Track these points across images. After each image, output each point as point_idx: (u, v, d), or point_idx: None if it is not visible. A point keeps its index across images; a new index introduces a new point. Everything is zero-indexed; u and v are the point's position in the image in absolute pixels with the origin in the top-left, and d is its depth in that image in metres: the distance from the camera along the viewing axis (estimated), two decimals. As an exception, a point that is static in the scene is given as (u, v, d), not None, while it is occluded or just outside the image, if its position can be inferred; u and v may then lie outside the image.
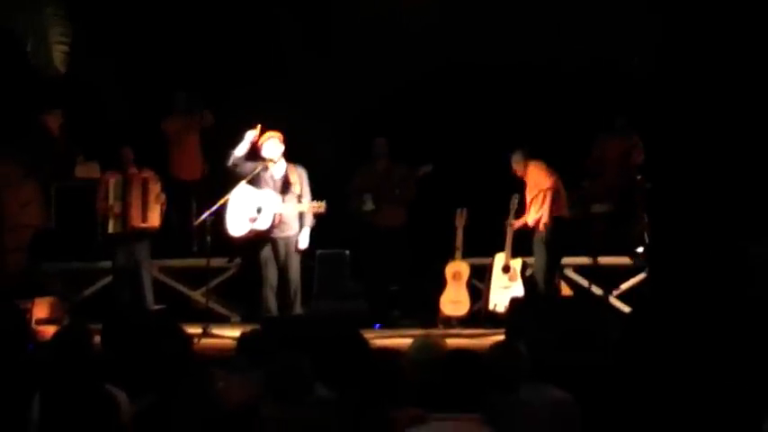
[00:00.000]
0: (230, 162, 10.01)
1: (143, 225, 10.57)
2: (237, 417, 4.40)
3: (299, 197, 10.02)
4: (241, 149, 10.00)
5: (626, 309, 10.71)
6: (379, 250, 11.20)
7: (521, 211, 10.86)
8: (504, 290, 10.81)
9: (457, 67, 11.98)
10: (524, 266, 10.91)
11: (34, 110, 11.26)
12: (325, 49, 12.06)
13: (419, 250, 11.27)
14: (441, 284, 10.96)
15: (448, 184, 11.39)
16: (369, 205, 11.19)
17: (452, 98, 12.21)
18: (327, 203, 9.89)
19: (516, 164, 10.85)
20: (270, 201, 9.97)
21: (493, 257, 10.97)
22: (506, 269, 10.87)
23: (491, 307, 10.89)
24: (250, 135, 10.00)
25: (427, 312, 10.99)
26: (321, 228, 10.42)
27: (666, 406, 5.86)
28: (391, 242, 11.14)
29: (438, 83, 12.10)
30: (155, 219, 10.62)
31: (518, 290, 10.77)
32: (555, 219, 10.71)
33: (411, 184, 11.16)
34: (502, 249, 10.91)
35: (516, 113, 11.88)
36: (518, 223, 10.85)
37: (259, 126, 10.00)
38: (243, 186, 10.00)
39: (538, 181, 10.74)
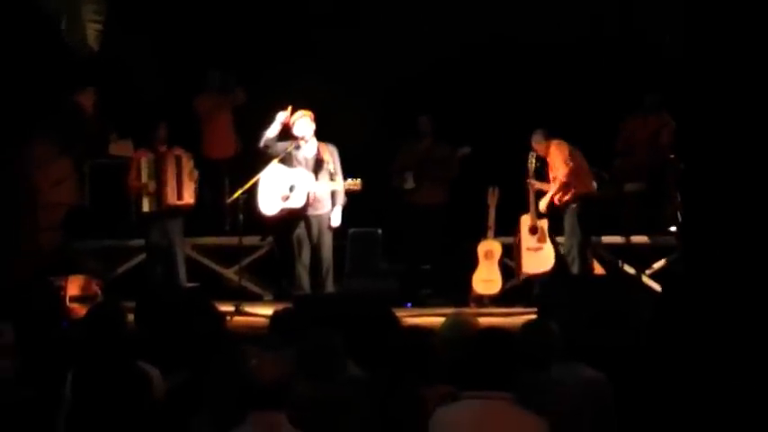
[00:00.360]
0: (262, 143, 10.03)
1: (178, 203, 10.60)
2: (270, 394, 4.41)
3: (332, 175, 10.03)
4: (272, 130, 10.01)
5: (658, 288, 10.67)
6: (416, 228, 11.20)
7: (542, 170, 10.84)
8: (535, 252, 10.81)
9: (488, 43, 11.93)
10: (554, 241, 10.88)
11: (67, 88, 11.29)
12: (355, 25, 12.03)
13: (451, 229, 11.26)
14: (473, 263, 10.95)
15: (480, 163, 11.36)
16: (409, 183, 11.20)
17: (484, 75, 12.17)
18: (363, 181, 9.92)
19: (537, 144, 10.83)
20: (303, 179, 9.99)
21: (519, 219, 10.94)
22: (533, 230, 10.85)
23: (524, 269, 10.89)
24: (281, 116, 10.01)
25: (459, 291, 10.99)
26: (353, 206, 10.43)
27: (698, 387, 5.85)
28: (429, 221, 11.13)
29: (469, 60, 12.07)
30: (189, 196, 10.65)
31: (549, 252, 10.74)
32: (581, 197, 10.67)
33: (453, 163, 11.16)
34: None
35: (547, 91, 11.83)
36: (538, 185, 10.83)
37: (290, 107, 10.02)
38: (275, 165, 10.02)
39: (555, 164, 10.73)
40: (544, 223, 10.84)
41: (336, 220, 10.18)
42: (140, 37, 11.84)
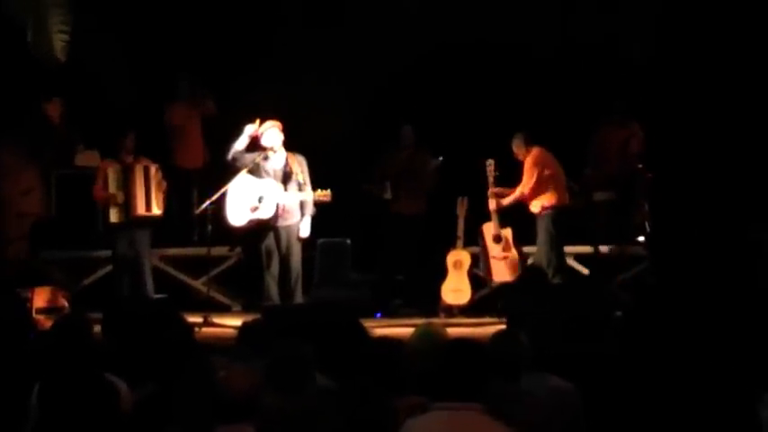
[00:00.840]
0: (230, 156, 10.04)
1: (146, 213, 10.53)
2: (239, 406, 4.38)
3: (301, 186, 10.02)
4: (241, 143, 10.02)
5: (628, 297, 10.68)
6: (395, 238, 11.18)
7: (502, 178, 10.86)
8: (502, 261, 10.81)
9: (455, 50, 11.95)
10: (520, 249, 10.89)
11: (35, 98, 11.23)
12: (326, 35, 12.01)
13: (422, 239, 11.25)
14: (442, 273, 10.94)
15: (449, 173, 11.36)
16: (388, 193, 11.17)
17: (453, 84, 12.18)
18: (333, 191, 9.91)
19: (517, 147, 10.84)
20: (272, 190, 9.98)
21: (481, 228, 10.95)
22: (497, 239, 10.85)
23: (495, 278, 10.89)
24: (249, 129, 10.02)
25: (428, 301, 10.98)
26: (323, 216, 10.41)
27: (667, 395, 5.85)
28: (408, 230, 11.11)
29: (438, 69, 12.09)
30: (158, 207, 10.59)
31: (515, 260, 10.75)
32: (556, 208, 10.69)
33: (433, 174, 11.15)
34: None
35: (517, 100, 11.85)
36: (499, 194, 10.82)
37: (258, 120, 10.01)
38: (243, 176, 10.01)
39: (525, 173, 10.73)
40: (508, 232, 10.85)
41: (306, 231, 10.16)
42: (109, 46, 11.80)
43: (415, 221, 11.15)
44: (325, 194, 9.94)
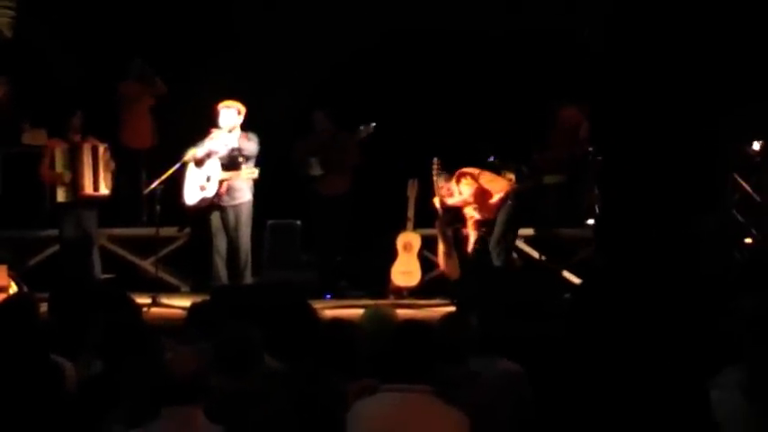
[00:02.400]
0: (190, 160, 10.02)
1: (94, 193, 10.45)
2: (185, 388, 4.36)
3: (240, 164, 9.98)
4: (200, 152, 10.00)
5: (576, 280, 10.75)
6: (324, 219, 11.13)
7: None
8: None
9: (411, 34, 11.92)
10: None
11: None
12: (276, 19, 11.95)
13: (370, 220, 11.25)
14: (392, 255, 10.94)
15: (400, 154, 11.36)
16: (316, 170, 11.08)
17: (405, 67, 12.16)
18: (280, 173, 9.91)
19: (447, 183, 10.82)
20: (216, 169, 9.96)
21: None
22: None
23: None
24: (209, 140, 10.00)
25: (377, 283, 10.98)
26: (272, 198, 10.37)
27: (614, 377, 5.89)
28: (334, 211, 11.07)
29: (389, 51, 12.05)
30: (106, 186, 10.51)
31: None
32: (515, 193, 10.68)
33: (354, 150, 11.07)
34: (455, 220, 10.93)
35: (470, 82, 11.86)
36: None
37: (214, 130, 9.97)
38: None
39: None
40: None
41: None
42: (56, 23, 11.67)
43: (342, 201, 11.10)
44: (251, 172, 9.93)
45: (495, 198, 10.64)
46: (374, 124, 10.95)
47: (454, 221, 10.83)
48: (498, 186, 10.70)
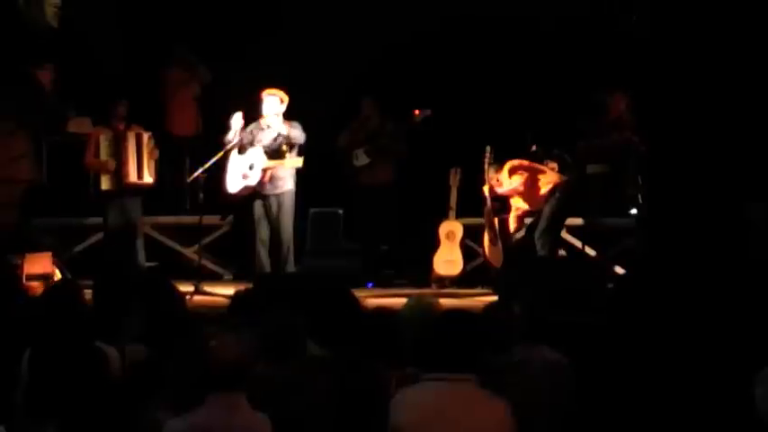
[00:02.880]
0: (225, 146, 10.03)
1: (138, 181, 10.49)
2: (229, 375, 4.37)
3: (284, 153, 9.98)
4: (230, 136, 9.99)
5: (620, 270, 10.69)
6: (369, 208, 11.14)
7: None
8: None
9: (454, 21, 11.88)
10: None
11: (26, 64, 11.15)
12: (320, 7, 11.94)
13: (413, 209, 11.23)
14: (434, 244, 10.92)
15: (443, 143, 11.32)
16: (362, 159, 11.11)
17: (447, 56, 12.11)
18: (322, 162, 9.90)
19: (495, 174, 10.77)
20: (259, 157, 9.96)
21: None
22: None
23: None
24: (236, 122, 9.98)
25: (420, 272, 10.97)
26: (315, 186, 10.37)
27: (658, 368, 5.85)
28: (380, 201, 11.08)
29: (432, 39, 12.00)
30: (149, 175, 10.54)
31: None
32: (564, 187, 10.61)
33: (402, 140, 11.08)
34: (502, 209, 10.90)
35: (512, 72, 11.79)
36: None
37: (241, 112, 9.96)
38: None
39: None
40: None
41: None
42: (102, 12, 11.72)
43: (387, 191, 11.11)
44: (296, 162, 9.93)
45: (544, 190, 10.59)
46: (430, 110, 10.93)
47: (501, 211, 10.80)
48: (547, 179, 10.65)
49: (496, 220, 10.76)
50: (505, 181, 10.68)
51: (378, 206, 11.08)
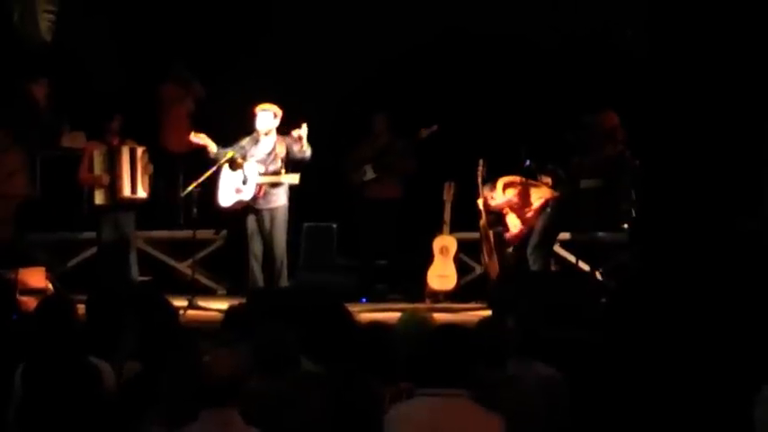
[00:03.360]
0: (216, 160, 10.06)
1: (132, 196, 10.48)
2: (223, 390, 4.37)
3: (279, 169, 9.98)
4: (238, 153, 10.04)
5: (613, 284, 10.69)
6: (371, 223, 11.15)
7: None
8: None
9: (448, 37, 11.90)
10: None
11: (20, 79, 11.16)
12: (320, 19, 11.96)
13: (407, 224, 11.23)
14: (428, 259, 10.92)
15: (437, 157, 11.33)
16: (369, 174, 11.14)
17: (440, 70, 12.13)
18: (318, 177, 9.90)
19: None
20: (253, 172, 9.96)
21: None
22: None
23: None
24: (247, 143, 10.04)
25: (414, 287, 10.97)
26: (309, 201, 10.38)
27: (651, 383, 5.85)
28: (384, 215, 11.10)
29: (425, 55, 12.02)
30: (143, 189, 10.53)
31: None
32: (557, 202, 10.61)
33: (411, 156, 11.11)
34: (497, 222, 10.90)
35: (506, 87, 11.81)
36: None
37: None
38: (232, 158, 10.01)
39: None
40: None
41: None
42: (96, 27, 11.73)
43: (392, 205, 11.14)
44: (292, 178, 9.92)
45: (536, 205, 10.60)
46: (436, 126, 10.95)
47: (496, 224, 10.80)
48: (540, 194, 10.66)
49: (491, 233, 10.76)
50: (499, 195, 10.69)
51: (381, 220, 11.10)
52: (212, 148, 10.06)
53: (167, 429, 4.45)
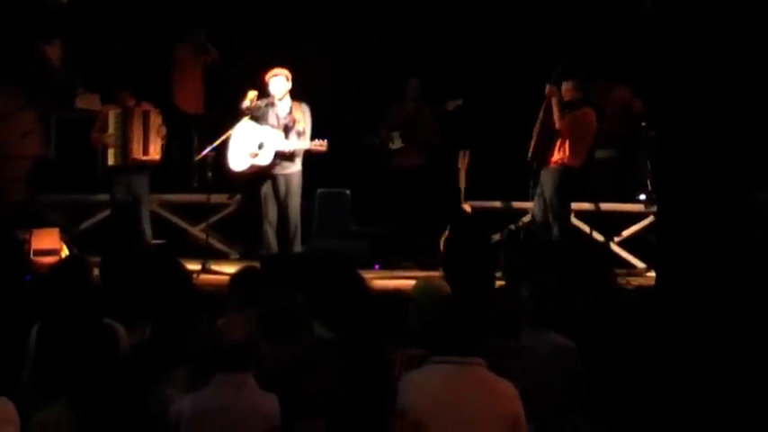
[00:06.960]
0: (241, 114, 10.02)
1: (143, 158, 10.48)
2: (236, 355, 4.36)
3: (300, 135, 9.96)
4: (246, 103, 9.98)
5: (626, 255, 10.67)
6: (395, 191, 11.13)
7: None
8: None
9: (462, 5, 11.85)
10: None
11: (34, 40, 11.14)
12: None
13: (424, 192, 11.21)
14: (442, 227, 10.89)
15: (451, 126, 11.29)
16: (397, 143, 11.10)
17: (454, 38, 12.09)
18: (330, 142, 9.85)
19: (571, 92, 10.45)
20: (272, 137, 9.93)
21: None
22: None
23: None
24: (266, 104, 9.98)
25: (428, 254, 10.94)
26: (323, 166, 10.36)
27: (668, 353, 5.85)
28: (408, 183, 11.07)
29: (443, 20, 11.97)
30: (155, 152, 10.52)
31: None
32: (567, 167, 10.47)
33: (436, 126, 11.07)
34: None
35: (520, 55, 11.76)
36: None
37: (254, 92, 9.93)
38: (246, 122, 9.96)
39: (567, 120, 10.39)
40: None
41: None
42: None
43: (416, 174, 11.11)
44: (321, 144, 9.88)
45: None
46: (461, 100, 10.90)
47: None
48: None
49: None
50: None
51: (405, 188, 11.06)
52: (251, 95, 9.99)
53: (184, 392, 4.46)
